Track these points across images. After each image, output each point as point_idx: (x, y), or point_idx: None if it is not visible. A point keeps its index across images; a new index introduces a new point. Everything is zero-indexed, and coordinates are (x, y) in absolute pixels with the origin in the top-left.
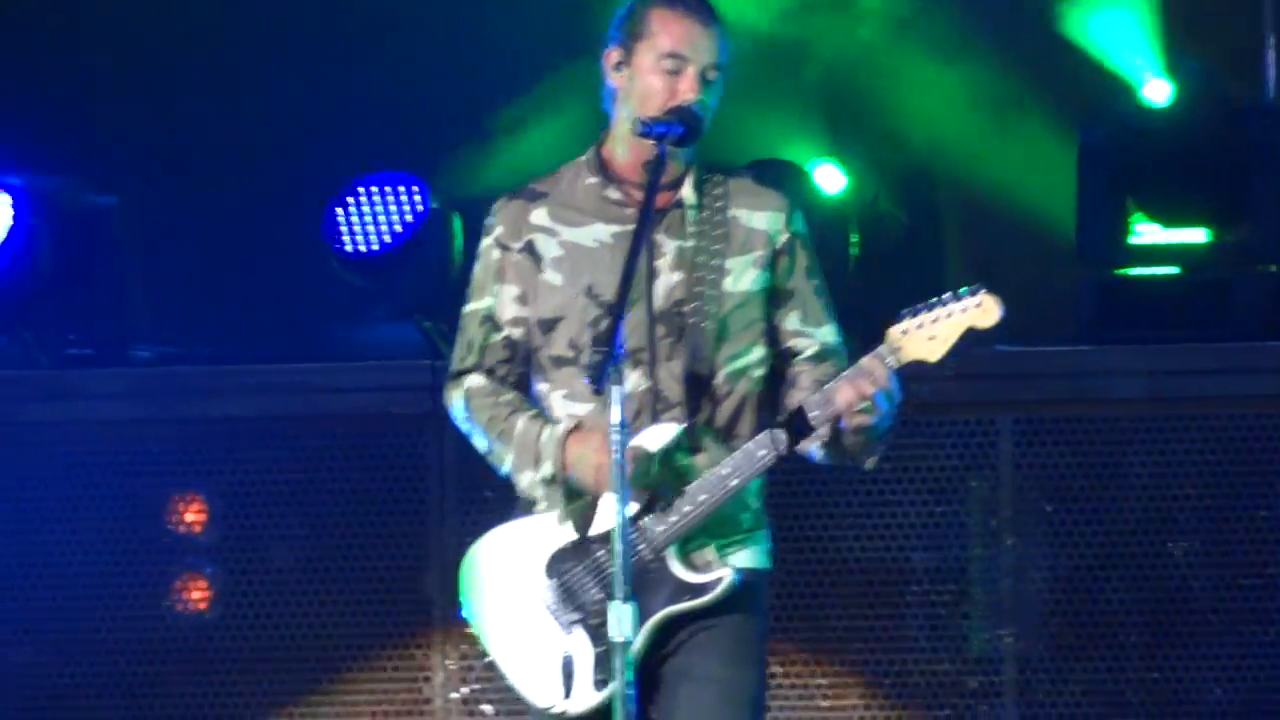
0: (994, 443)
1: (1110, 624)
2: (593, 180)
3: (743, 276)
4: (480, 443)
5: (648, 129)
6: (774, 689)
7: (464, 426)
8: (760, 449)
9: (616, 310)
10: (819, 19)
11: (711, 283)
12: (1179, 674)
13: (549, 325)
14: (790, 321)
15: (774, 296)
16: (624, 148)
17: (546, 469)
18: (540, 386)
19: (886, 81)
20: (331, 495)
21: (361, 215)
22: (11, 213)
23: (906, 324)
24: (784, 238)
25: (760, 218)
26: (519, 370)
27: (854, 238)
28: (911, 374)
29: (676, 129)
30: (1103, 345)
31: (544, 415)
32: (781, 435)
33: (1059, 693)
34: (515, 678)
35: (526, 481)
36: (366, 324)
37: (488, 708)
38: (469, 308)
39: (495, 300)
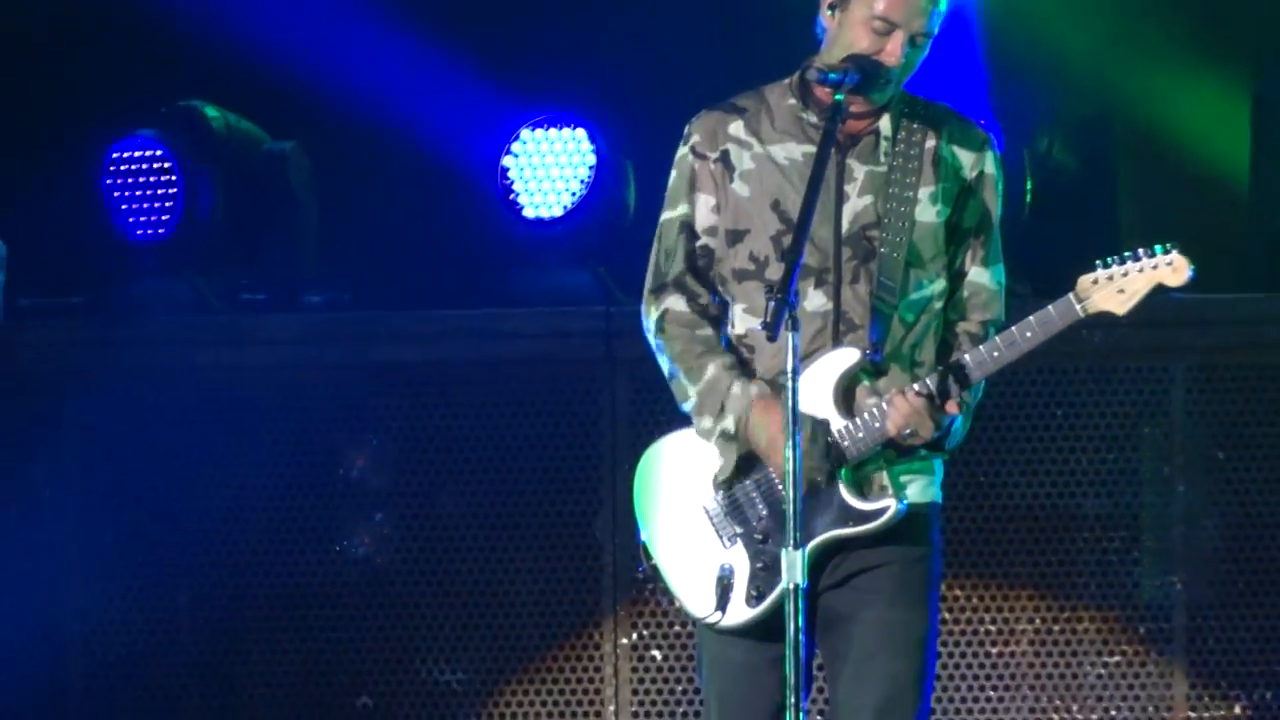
0: (1166, 390)
1: None
2: (793, 101)
3: (932, 207)
4: (665, 366)
5: (823, 76)
6: (944, 635)
7: (654, 343)
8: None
9: (791, 258)
10: None
11: (903, 210)
12: None
13: (735, 237)
14: (962, 259)
15: (953, 232)
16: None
17: (728, 423)
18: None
19: (1059, 29)
20: (504, 441)
21: (535, 171)
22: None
23: (1098, 274)
24: (974, 174)
25: (957, 151)
26: (717, 279)
27: (1029, 184)
28: (1092, 322)
29: (853, 76)
30: (1275, 293)
31: (738, 365)
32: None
33: (1229, 640)
34: (675, 584)
35: (705, 426)
36: (542, 269)
37: (657, 654)
38: (666, 215)
39: (691, 208)
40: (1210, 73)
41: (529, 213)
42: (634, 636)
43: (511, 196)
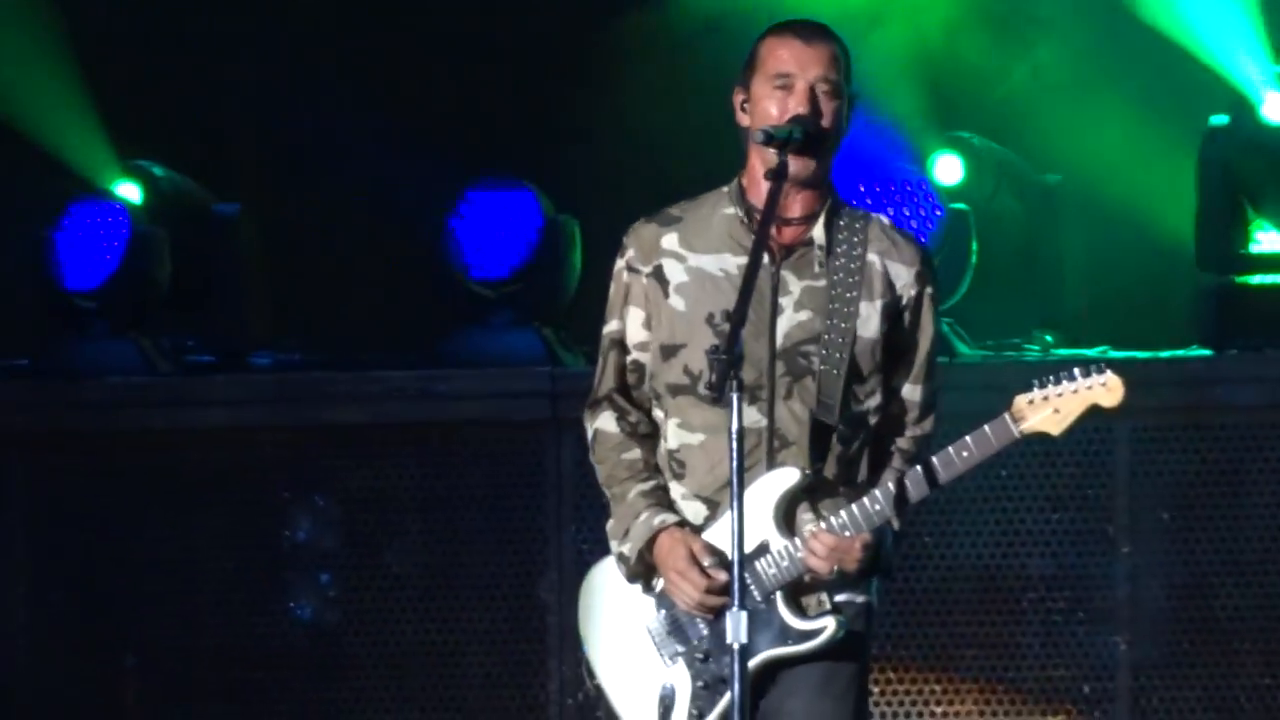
0: (1111, 450)
1: (1225, 631)
2: (730, 211)
3: (872, 322)
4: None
5: (768, 136)
6: (889, 695)
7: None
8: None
9: (736, 317)
10: (938, 12)
11: (843, 327)
12: None
13: (670, 351)
14: (897, 379)
15: (890, 348)
16: (758, 187)
17: (626, 548)
18: (655, 414)
19: (1008, 79)
20: (450, 502)
21: (480, 233)
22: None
23: (1034, 395)
24: (911, 290)
25: (893, 266)
26: (651, 394)
27: (974, 245)
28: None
29: (796, 136)
30: (1221, 353)
31: (658, 492)
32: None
33: (1173, 700)
34: (618, 704)
35: (613, 549)
36: (488, 330)
37: (602, 715)
38: (605, 329)
39: (622, 324)
40: (1156, 133)
41: (475, 274)
42: (580, 697)
43: (458, 258)
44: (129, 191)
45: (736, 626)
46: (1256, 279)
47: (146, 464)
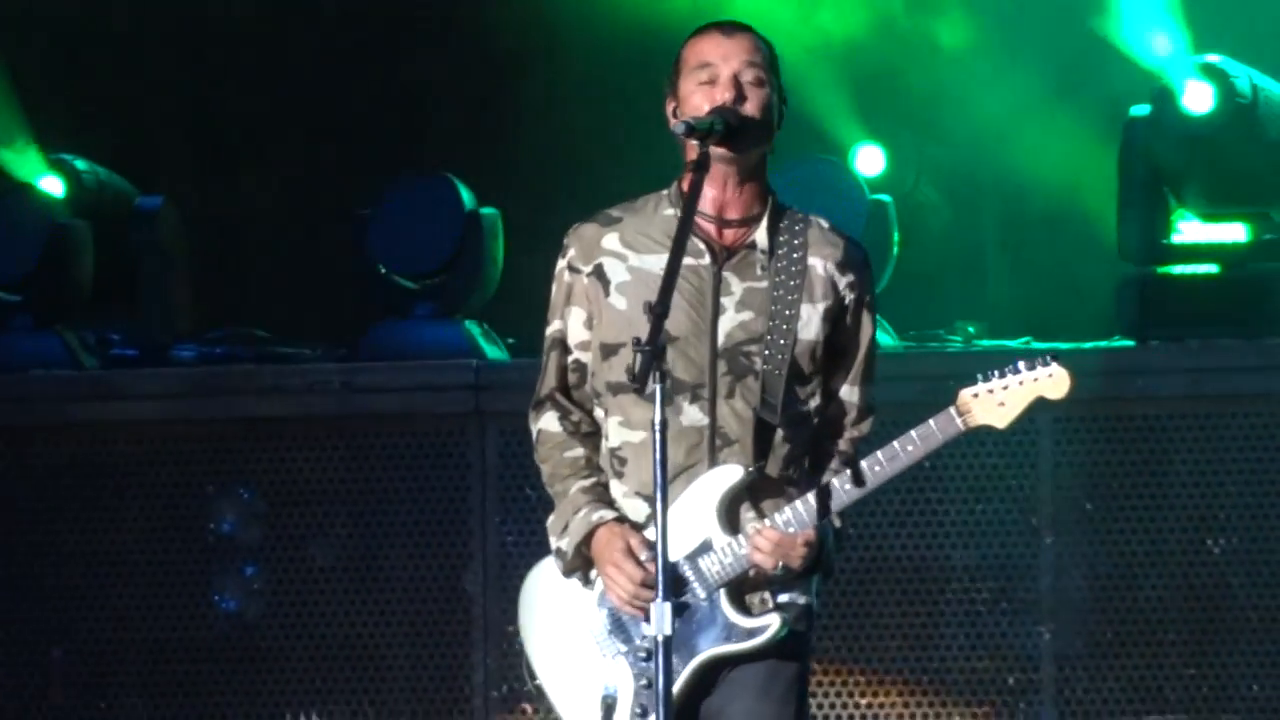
0: (1034, 441)
1: (1149, 621)
2: (670, 211)
3: (811, 323)
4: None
5: (689, 128)
6: (813, 687)
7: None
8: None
9: (659, 309)
10: (863, 8)
11: (785, 328)
12: (1217, 671)
13: (610, 350)
14: (836, 380)
15: (830, 349)
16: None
17: (564, 543)
18: (596, 413)
19: (928, 70)
20: (374, 494)
21: (401, 225)
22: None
23: (979, 388)
24: (852, 294)
25: (834, 269)
26: (593, 393)
27: (895, 236)
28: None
29: (718, 126)
30: (1143, 344)
31: (598, 488)
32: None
33: (1097, 689)
34: (559, 704)
35: (552, 544)
36: (410, 322)
37: (528, 707)
38: (547, 330)
39: (564, 324)
40: (1077, 122)
41: (398, 266)
42: (504, 689)
43: (380, 250)
44: (52, 185)
45: (660, 618)
46: (1178, 269)
47: (70, 457)
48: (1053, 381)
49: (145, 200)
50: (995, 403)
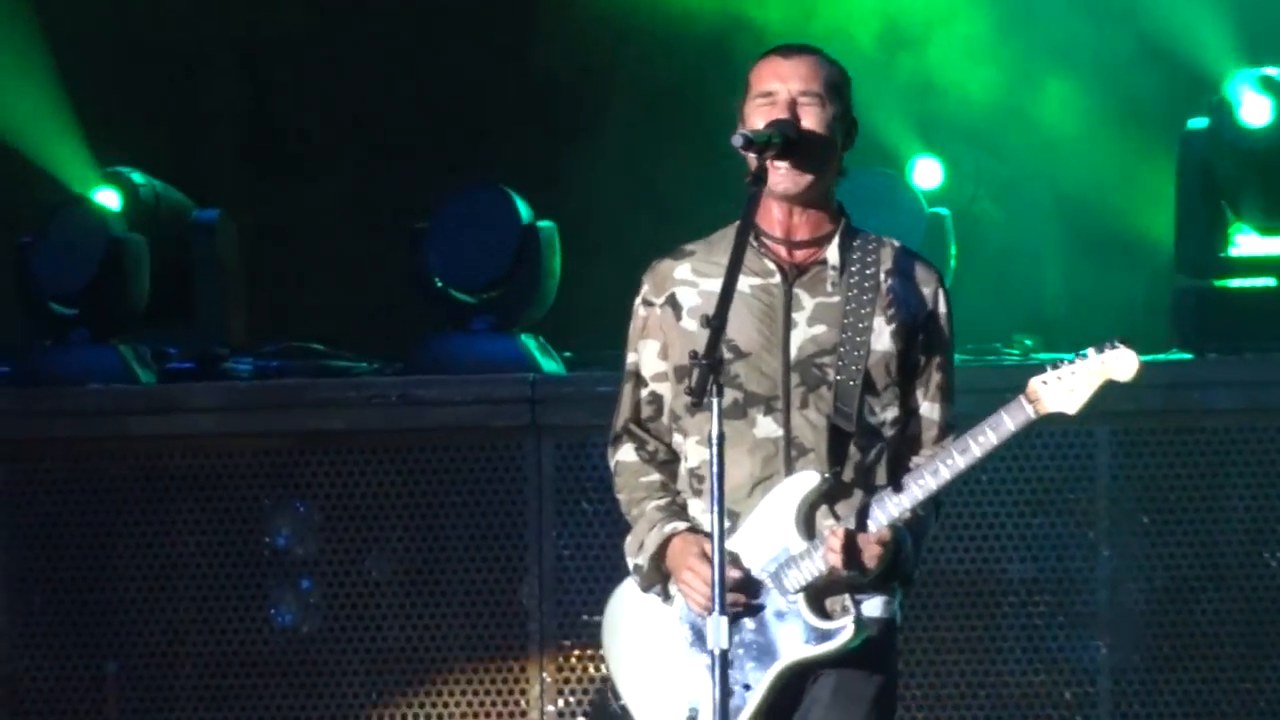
0: (1091, 454)
1: (1206, 635)
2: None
3: (886, 337)
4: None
5: (747, 140)
6: None
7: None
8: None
9: (715, 321)
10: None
11: (858, 340)
12: (1274, 684)
13: (684, 372)
14: (914, 397)
15: (906, 366)
16: (768, 214)
17: (640, 559)
18: (675, 439)
19: (986, 83)
20: (431, 508)
21: (458, 238)
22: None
23: (1048, 375)
24: (926, 311)
25: (908, 287)
26: (669, 423)
27: (952, 249)
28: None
29: (775, 139)
30: (1200, 357)
31: (673, 507)
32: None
33: (1154, 704)
34: (642, 718)
35: (629, 563)
36: (468, 336)
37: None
38: (626, 363)
39: (638, 356)
40: (1135, 137)
41: (455, 280)
42: (560, 703)
43: (437, 264)
44: (109, 198)
45: (717, 631)
46: (1235, 282)
47: (127, 471)
48: (1120, 362)
49: (201, 213)
50: (1065, 389)
